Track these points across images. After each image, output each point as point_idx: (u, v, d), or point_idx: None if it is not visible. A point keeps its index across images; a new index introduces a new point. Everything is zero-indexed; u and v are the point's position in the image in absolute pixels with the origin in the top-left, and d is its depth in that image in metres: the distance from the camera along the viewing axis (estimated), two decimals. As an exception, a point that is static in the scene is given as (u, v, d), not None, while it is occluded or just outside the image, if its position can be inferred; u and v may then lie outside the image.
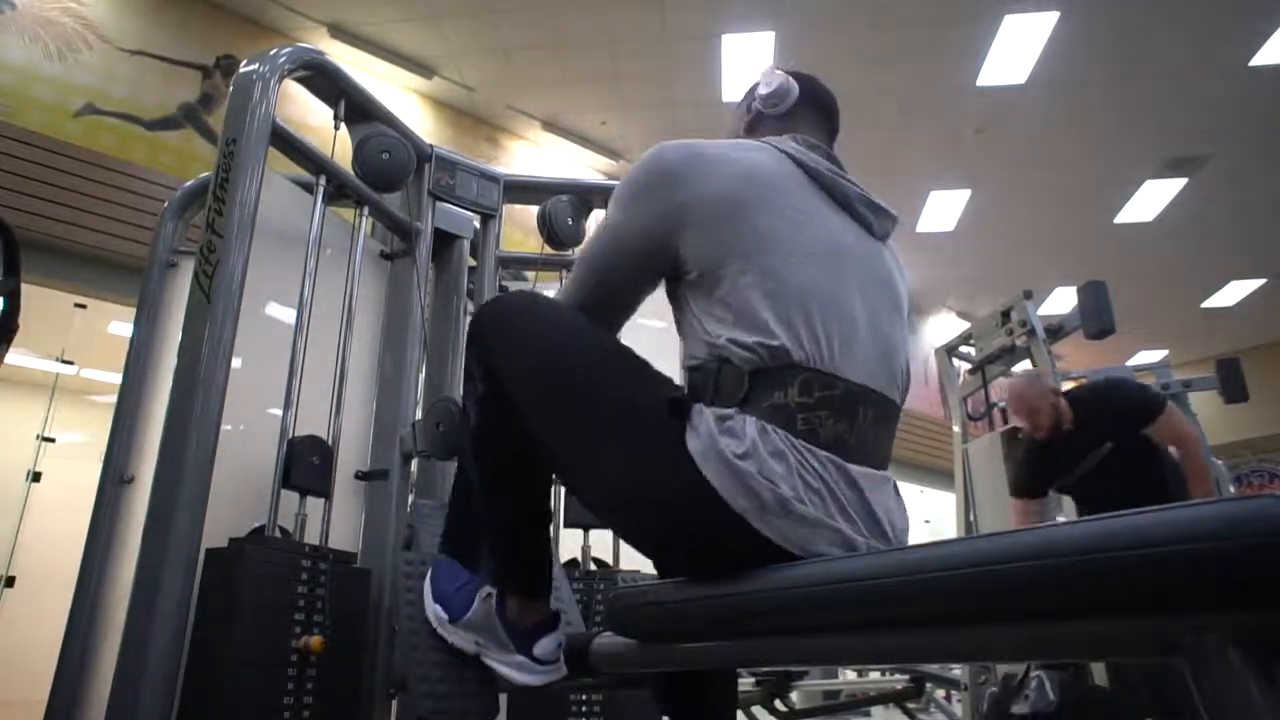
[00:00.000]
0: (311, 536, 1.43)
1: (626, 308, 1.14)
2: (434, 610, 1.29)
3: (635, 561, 1.78)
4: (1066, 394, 2.75)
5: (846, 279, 1.00)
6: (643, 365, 1.05)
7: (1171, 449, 2.67)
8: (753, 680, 2.97)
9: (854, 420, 0.95)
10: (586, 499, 1.07)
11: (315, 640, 1.32)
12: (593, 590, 1.71)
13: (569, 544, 1.80)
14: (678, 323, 1.08)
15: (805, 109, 1.19)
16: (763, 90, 1.20)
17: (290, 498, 1.42)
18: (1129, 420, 2.65)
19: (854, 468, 0.93)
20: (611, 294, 1.11)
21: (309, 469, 1.44)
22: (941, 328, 8.95)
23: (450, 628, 1.25)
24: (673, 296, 1.09)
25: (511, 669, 1.16)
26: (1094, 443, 2.67)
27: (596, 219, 2.16)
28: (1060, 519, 2.74)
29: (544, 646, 1.14)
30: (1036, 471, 2.81)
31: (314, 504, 1.47)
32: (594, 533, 1.79)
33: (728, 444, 0.90)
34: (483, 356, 1.08)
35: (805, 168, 1.06)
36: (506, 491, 1.12)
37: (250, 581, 1.26)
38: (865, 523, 0.92)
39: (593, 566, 1.79)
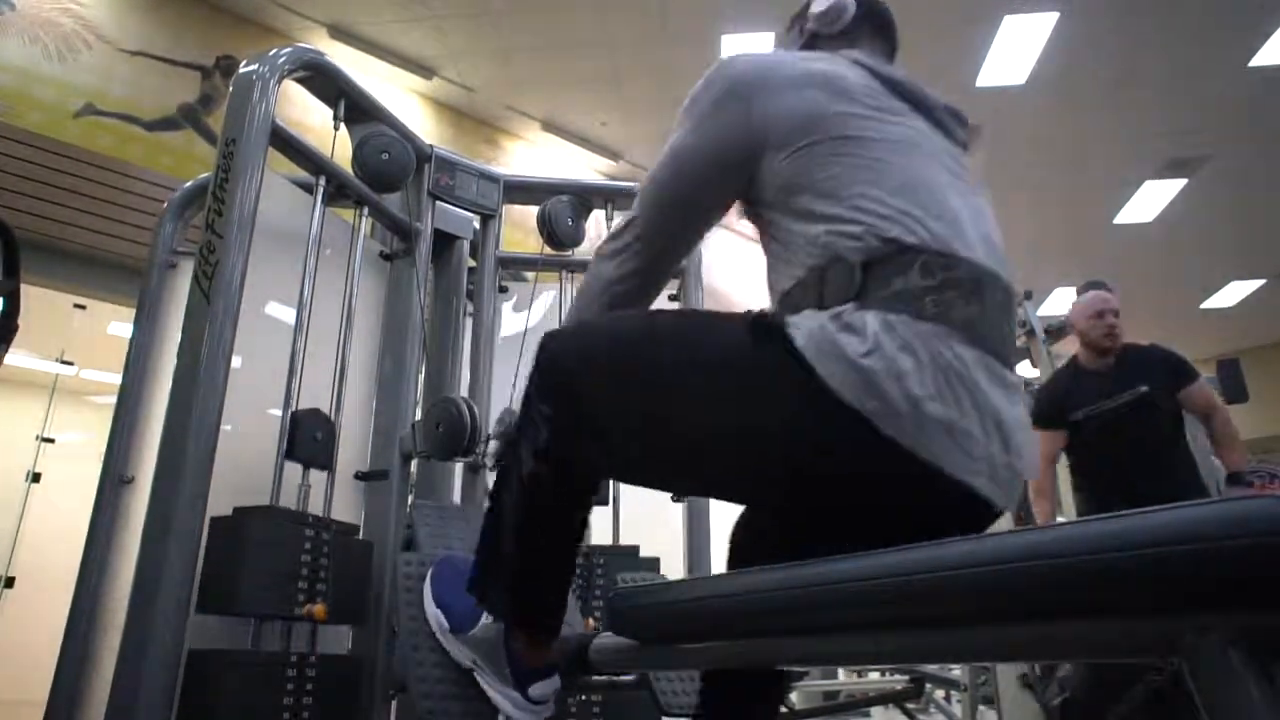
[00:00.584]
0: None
1: (690, 242, 1.06)
2: (435, 615, 1.29)
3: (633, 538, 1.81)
4: None
5: (941, 174, 0.92)
6: (716, 314, 0.99)
7: (1202, 438, 2.67)
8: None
9: (984, 302, 0.85)
10: (693, 482, 1.01)
11: (319, 608, 1.34)
12: (592, 567, 1.73)
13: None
14: (765, 247, 1.01)
15: (863, 26, 1.10)
16: (817, 8, 1.10)
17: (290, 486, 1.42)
18: (1168, 373, 2.65)
19: (992, 360, 0.83)
20: (680, 224, 1.03)
21: (312, 442, 1.46)
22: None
23: (450, 637, 1.25)
24: (754, 217, 1.01)
25: (505, 700, 1.16)
26: (1129, 383, 2.65)
27: (596, 219, 2.17)
28: (1060, 519, 2.74)
29: (540, 689, 1.14)
30: (1053, 399, 2.79)
31: (316, 479, 1.48)
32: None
33: (846, 341, 0.81)
34: (559, 386, 0.98)
35: (882, 76, 0.98)
36: (547, 539, 1.06)
37: (255, 548, 1.27)
38: (996, 438, 0.81)
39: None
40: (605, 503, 1.85)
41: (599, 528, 1.83)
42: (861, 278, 0.85)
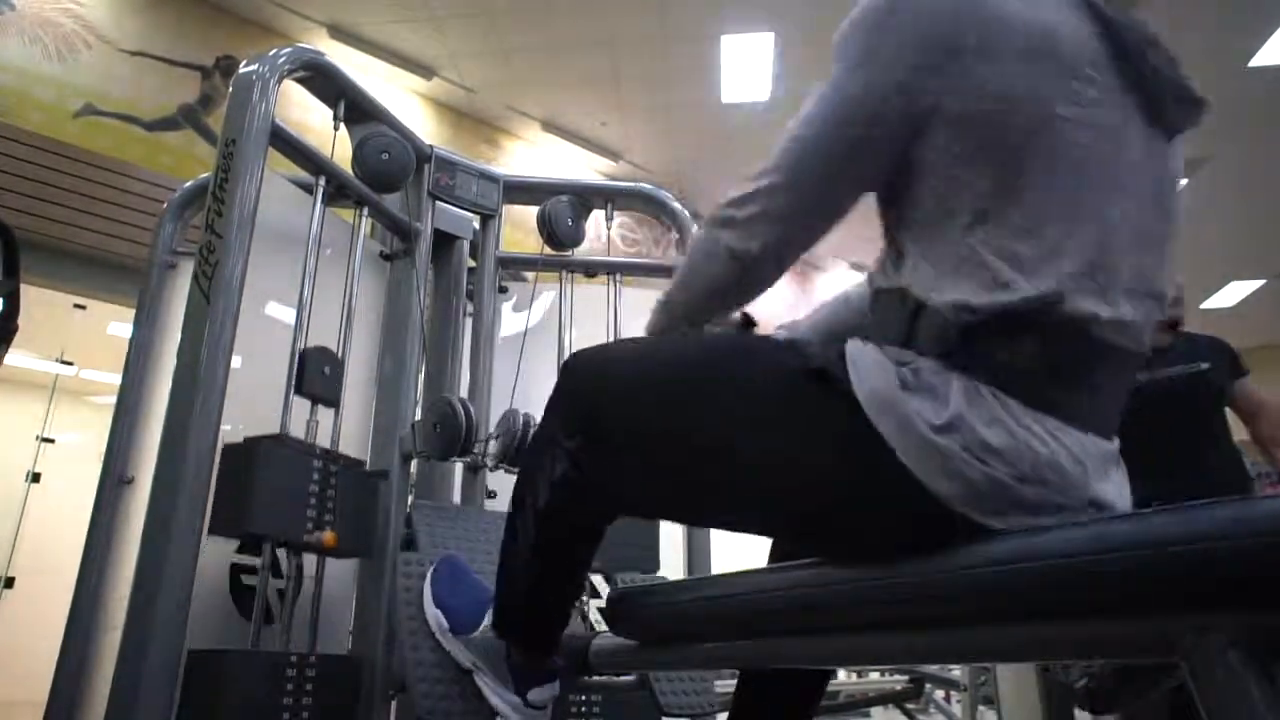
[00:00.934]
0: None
1: (841, 214, 0.86)
2: (434, 615, 1.29)
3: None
4: None
5: (1124, 202, 0.76)
6: (755, 338, 0.93)
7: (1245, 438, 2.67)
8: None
9: (1097, 380, 0.74)
10: (726, 519, 0.90)
11: (329, 535, 1.37)
12: None
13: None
14: (889, 243, 0.85)
15: None
16: None
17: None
18: (1228, 359, 2.65)
19: (1088, 438, 0.73)
20: (831, 191, 0.84)
21: (320, 378, 1.48)
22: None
23: (450, 638, 1.25)
24: (891, 206, 0.84)
25: (504, 703, 1.16)
26: (1192, 356, 2.63)
27: (596, 219, 2.17)
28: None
29: (540, 693, 1.14)
30: None
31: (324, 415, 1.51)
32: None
33: (919, 409, 0.70)
34: (584, 417, 0.91)
35: (1112, 31, 0.75)
36: (558, 571, 1.03)
37: (265, 471, 1.30)
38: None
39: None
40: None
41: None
42: (956, 338, 0.72)
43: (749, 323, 1.22)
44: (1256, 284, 8.18)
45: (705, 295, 0.95)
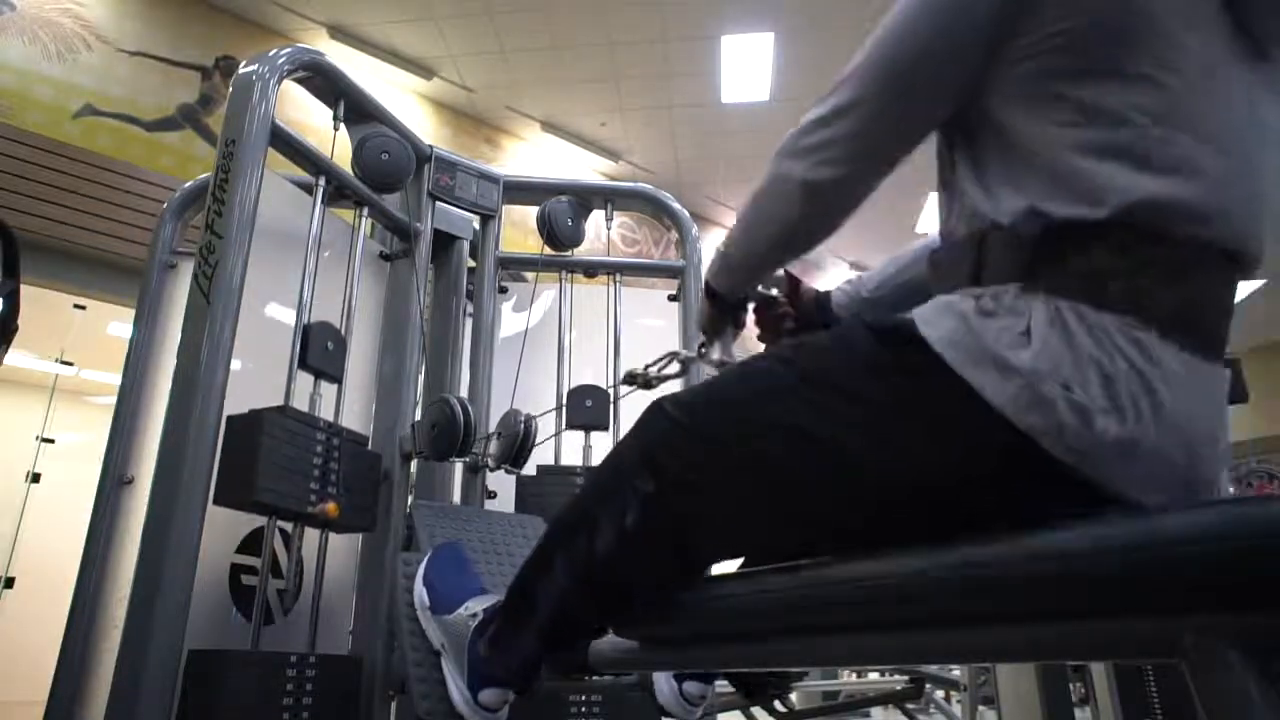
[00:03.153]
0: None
1: (919, 135, 0.79)
2: (420, 592, 1.31)
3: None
4: None
5: (1222, 108, 0.69)
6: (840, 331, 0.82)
7: None
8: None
9: (1193, 282, 0.66)
10: (814, 538, 0.80)
11: (331, 506, 1.39)
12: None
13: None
14: (949, 181, 0.80)
15: None
16: None
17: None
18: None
19: (1186, 356, 0.65)
20: (909, 109, 0.77)
21: (323, 352, 1.50)
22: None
23: (427, 615, 1.28)
24: (966, 133, 0.78)
25: (458, 693, 1.17)
26: None
27: (596, 220, 2.17)
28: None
29: (490, 695, 1.14)
30: None
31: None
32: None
33: (998, 336, 0.65)
34: (670, 464, 0.82)
35: None
36: (587, 618, 0.94)
37: (270, 442, 1.31)
38: (1182, 453, 0.65)
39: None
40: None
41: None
42: (1029, 255, 0.68)
43: (794, 282, 1.16)
44: (1256, 284, 8.18)
45: (770, 241, 0.87)
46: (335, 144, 1.65)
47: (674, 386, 1.17)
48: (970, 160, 0.76)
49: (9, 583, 5.17)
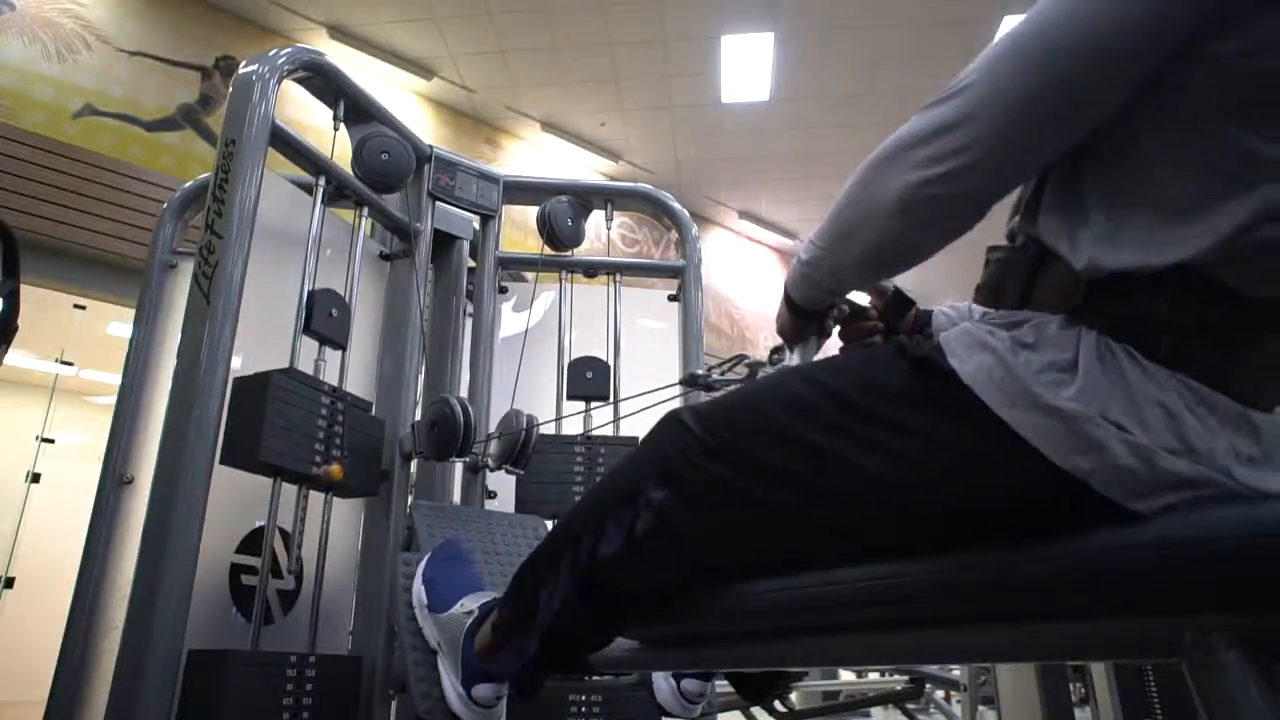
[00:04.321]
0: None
1: (1055, 149, 0.67)
2: (418, 590, 1.31)
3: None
4: None
5: None
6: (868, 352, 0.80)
7: None
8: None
9: (1242, 349, 0.62)
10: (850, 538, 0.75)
11: (335, 468, 1.41)
12: (593, 457, 1.82)
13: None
14: (1033, 197, 0.72)
15: None
16: None
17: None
18: None
19: (1242, 409, 0.61)
20: (1048, 118, 0.65)
21: (327, 318, 1.52)
22: (941, 328, 8.93)
23: (425, 613, 1.28)
24: (1084, 153, 0.68)
25: (452, 691, 1.18)
26: None
27: (596, 220, 2.17)
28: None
29: (484, 691, 1.15)
30: None
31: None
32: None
33: (1033, 368, 0.61)
34: (686, 475, 0.80)
35: None
36: (593, 629, 0.93)
37: (275, 403, 1.33)
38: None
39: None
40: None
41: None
42: (1084, 290, 0.64)
43: (903, 301, 1.07)
44: (1256, 284, 8.18)
45: (863, 257, 0.78)
46: (335, 144, 1.65)
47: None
48: (1067, 180, 0.69)
49: (9, 583, 5.16)
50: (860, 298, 1.08)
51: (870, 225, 0.74)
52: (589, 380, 1.97)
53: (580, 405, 1.97)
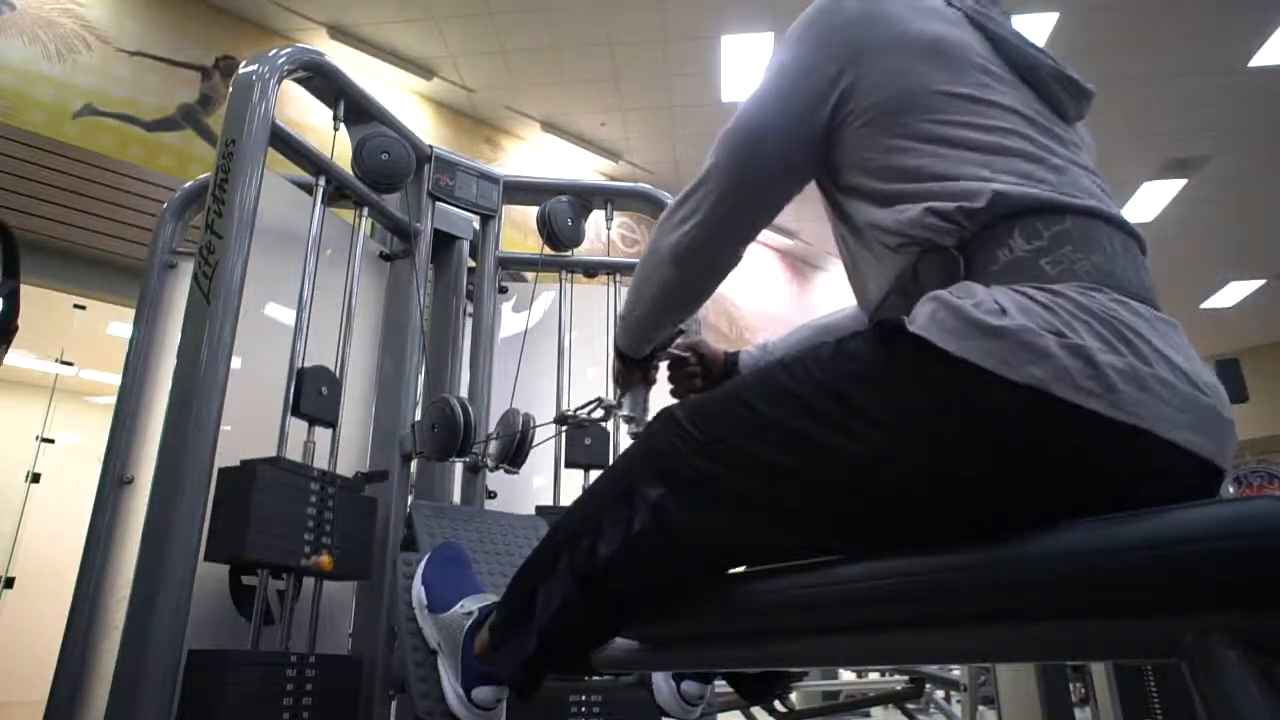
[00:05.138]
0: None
1: (770, 206, 0.91)
2: (418, 591, 1.32)
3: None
4: None
5: (1040, 138, 0.81)
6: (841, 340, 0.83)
7: None
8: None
9: (1104, 248, 0.73)
10: (844, 534, 0.77)
11: (325, 559, 1.36)
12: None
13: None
14: (844, 251, 0.91)
15: None
16: None
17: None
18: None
19: (1138, 305, 0.69)
20: (759, 180, 0.89)
21: (317, 397, 1.48)
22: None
23: (425, 614, 1.29)
24: (831, 203, 0.91)
25: (452, 693, 1.19)
26: None
27: (596, 220, 2.17)
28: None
29: (484, 693, 1.16)
30: None
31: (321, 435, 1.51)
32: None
33: (972, 308, 0.67)
34: (680, 470, 0.82)
35: (994, 37, 0.87)
36: (590, 630, 0.94)
37: (262, 495, 1.29)
38: (1185, 381, 0.65)
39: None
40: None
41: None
42: (963, 263, 0.74)
43: (692, 345, 1.24)
44: (1256, 284, 8.18)
45: (654, 304, 1.00)
46: (335, 144, 1.65)
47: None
48: (866, 213, 0.84)
49: (9, 583, 5.17)
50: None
51: (655, 275, 0.96)
52: (588, 448, 1.91)
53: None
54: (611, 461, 1.88)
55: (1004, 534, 0.64)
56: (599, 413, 1.37)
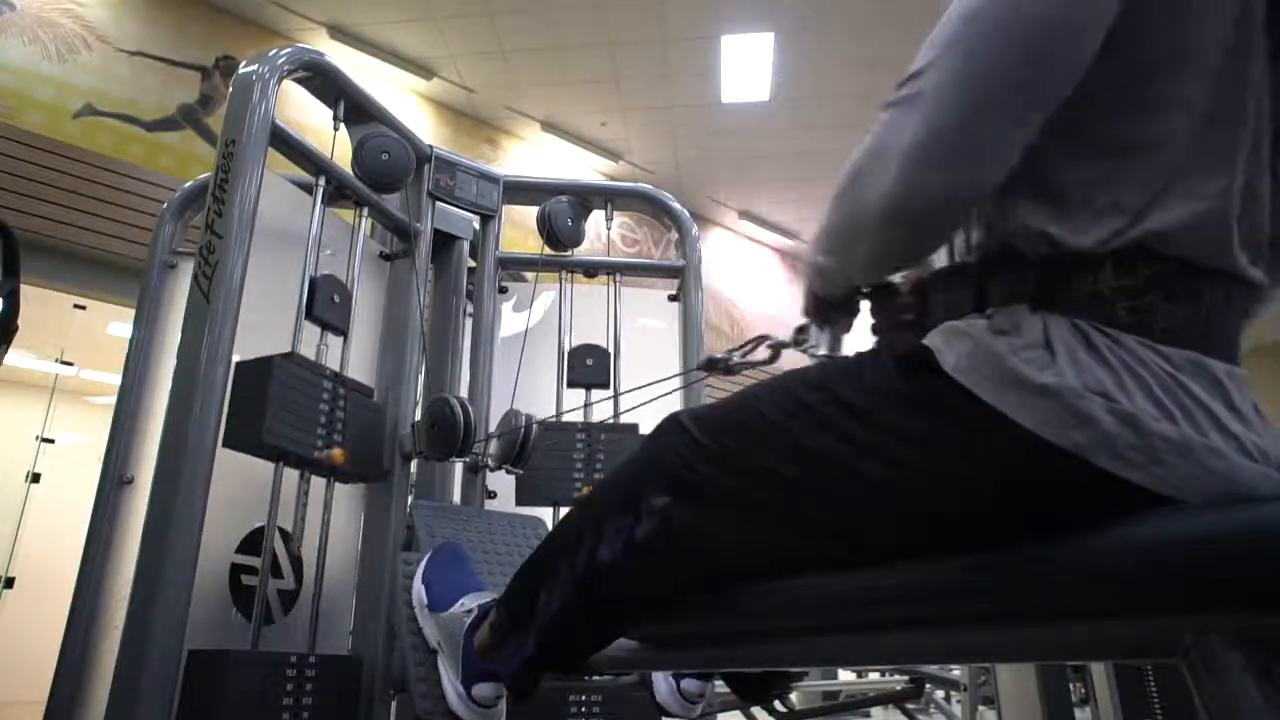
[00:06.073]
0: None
1: (1016, 130, 0.66)
2: (418, 590, 1.32)
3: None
4: None
5: (1241, 151, 0.67)
6: (860, 354, 0.80)
7: None
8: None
9: (1197, 302, 0.65)
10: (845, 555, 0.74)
11: (337, 452, 1.42)
12: (593, 444, 1.85)
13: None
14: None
15: None
16: None
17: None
18: None
19: (1212, 362, 0.63)
20: (1012, 87, 0.65)
21: (329, 305, 1.53)
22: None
23: (425, 613, 1.29)
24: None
25: (453, 691, 1.19)
26: None
27: (596, 220, 2.17)
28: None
29: (484, 690, 1.16)
30: None
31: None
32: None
33: (1015, 353, 0.62)
34: (682, 462, 0.81)
35: None
36: (591, 631, 0.93)
37: (278, 386, 1.33)
38: (1232, 445, 0.60)
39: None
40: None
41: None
42: (1035, 281, 0.66)
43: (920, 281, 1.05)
44: (1256, 284, 8.18)
45: (867, 262, 0.77)
46: (335, 144, 1.65)
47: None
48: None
49: (9, 583, 5.17)
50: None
51: (864, 238, 0.74)
52: (589, 367, 1.99)
53: (581, 395, 1.98)
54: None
55: (1000, 533, 0.64)
56: (764, 353, 1.17)
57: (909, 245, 0.72)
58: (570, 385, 1.96)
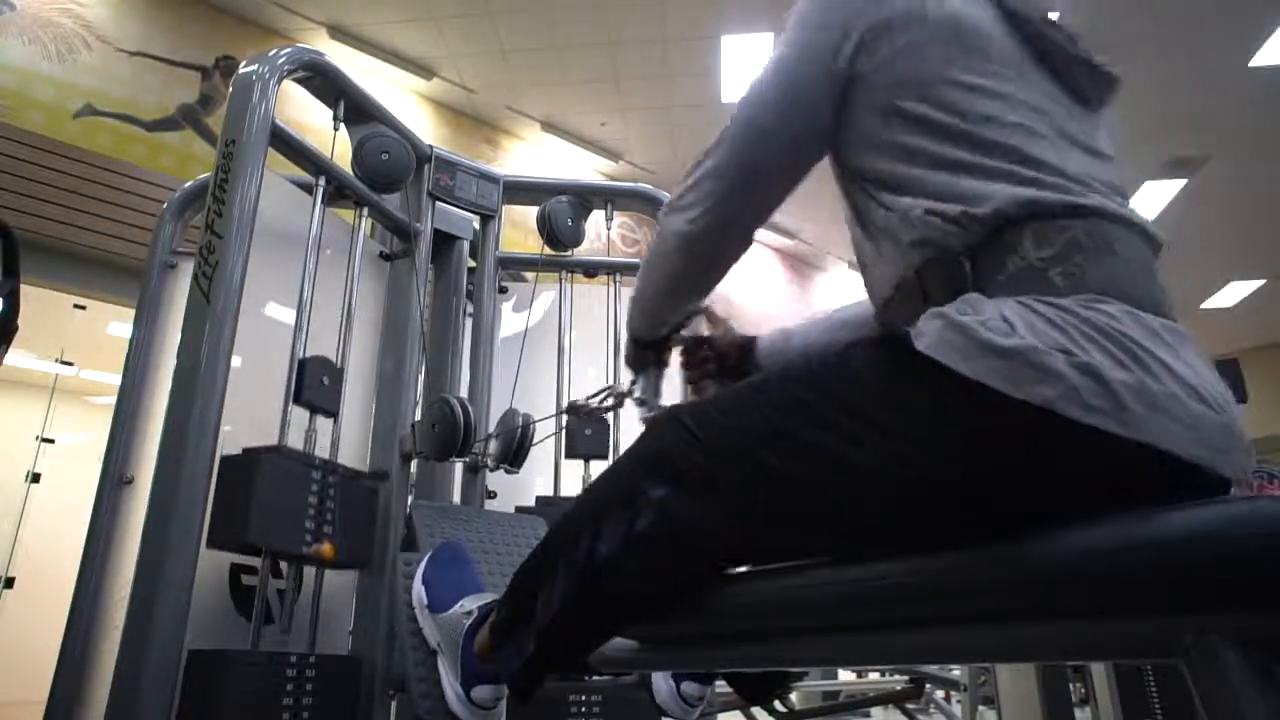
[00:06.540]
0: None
1: (776, 189, 0.88)
2: (418, 591, 1.32)
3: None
4: None
5: (1050, 134, 0.79)
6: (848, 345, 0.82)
7: None
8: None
9: (1116, 253, 0.71)
10: (842, 542, 0.77)
11: (327, 547, 1.37)
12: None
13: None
14: (856, 244, 0.87)
15: None
16: None
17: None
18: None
19: (1147, 316, 0.68)
20: (765, 161, 0.86)
21: (319, 387, 1.48)
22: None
23: (425, 614, 1.29)
24: (844, 190, 0.88)
25: (452, 692, 1.20)
26: None
27: (596, 220, 2.17)
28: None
29: (483, 692, 1.16)
30: None
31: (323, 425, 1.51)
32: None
33: (978, 326, 0.66)
34: (678, 454, 0.82)
35: (1007, 9, 0.82)
36: (591, 631, 0.93)
37: (264, 483, 1.29)
38: (1195, 398, 0.64)
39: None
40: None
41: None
42: (970, 271, 0.73)
43: (715, 321, 1.19)
44: (1256, 284, 8.18)
45: (663, 288, 0.98)
46: (335, 144, 1.65)
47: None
48: (874, 209, 0.81)
49: (9, 583, 5.17)
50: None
51: (663, 262, 0.95)
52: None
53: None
54: (612, 455, 1.88)
55: (1004, 534, 0.64)
56: (610, 401, 1.31)
57: (691, 272, 0.94)
58: (570, 457, 1.91)
